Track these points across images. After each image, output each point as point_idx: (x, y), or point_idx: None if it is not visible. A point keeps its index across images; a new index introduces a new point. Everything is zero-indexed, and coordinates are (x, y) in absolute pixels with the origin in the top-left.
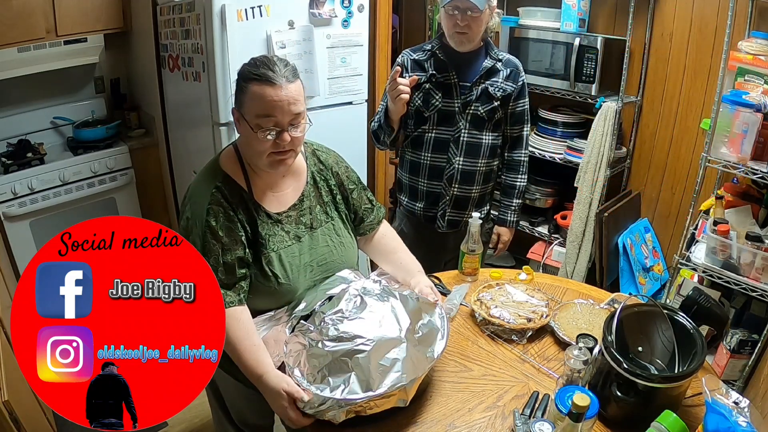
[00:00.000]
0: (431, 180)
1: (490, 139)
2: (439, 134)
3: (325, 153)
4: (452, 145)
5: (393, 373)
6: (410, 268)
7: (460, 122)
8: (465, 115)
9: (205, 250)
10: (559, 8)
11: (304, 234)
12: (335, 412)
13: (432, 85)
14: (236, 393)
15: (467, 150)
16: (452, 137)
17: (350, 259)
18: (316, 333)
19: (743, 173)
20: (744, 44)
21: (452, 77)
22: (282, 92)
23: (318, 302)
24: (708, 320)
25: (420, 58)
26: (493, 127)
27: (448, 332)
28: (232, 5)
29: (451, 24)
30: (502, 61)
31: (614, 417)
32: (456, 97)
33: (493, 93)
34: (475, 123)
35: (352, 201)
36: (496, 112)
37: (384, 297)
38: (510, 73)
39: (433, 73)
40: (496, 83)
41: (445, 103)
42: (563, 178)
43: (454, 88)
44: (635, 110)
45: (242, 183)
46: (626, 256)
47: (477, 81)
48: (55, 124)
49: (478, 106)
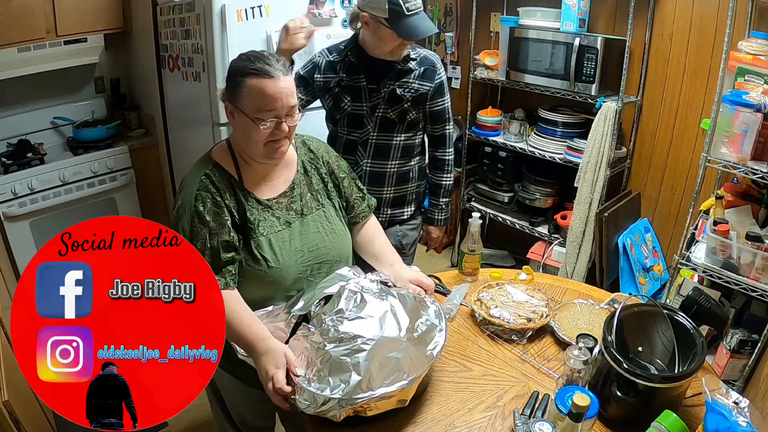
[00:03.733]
0: None
1: (403, 140)
2: (349, 136)
3: (316, 142)
4: (360, 148)
5: (393, 373)
6: (384, 258)
7: (368, 125)
8: (373, 118)
9: (192, 235)
10: (559, 8)
11: (294, 220)
12: (336, 412)
13: (341, 89)
14: (236, 392)
15: (375, 152)
16: (360, 139)
17: (343, 247)
18: (318, 335)
19: (743, 173)
20: (744, 44)
21: (361, 80)
22: (281, 84)
23: (315, 301)
24: (708, 320)
25: (334, 60)
26: (407, 128)
27: (446, 329)
28: (232, 5)
29: (395, 45)
30: (416, 60)
31: (614, 417)
32: (364, 101)
33: (402, 94)
34: (385, 125)
35: (344, 189)
36: (408, 113)
37: (383, 296)
38: (425, 72)
39: (342, 77)
40: (406, 84)
41: (354, 107)
42: (563, 178)
43: (363, 91)
44: (635, 110)
45: (233, 172)
46: (626, 256)
47: (385, 83)
48: (55, 124)
49: (386, 109)
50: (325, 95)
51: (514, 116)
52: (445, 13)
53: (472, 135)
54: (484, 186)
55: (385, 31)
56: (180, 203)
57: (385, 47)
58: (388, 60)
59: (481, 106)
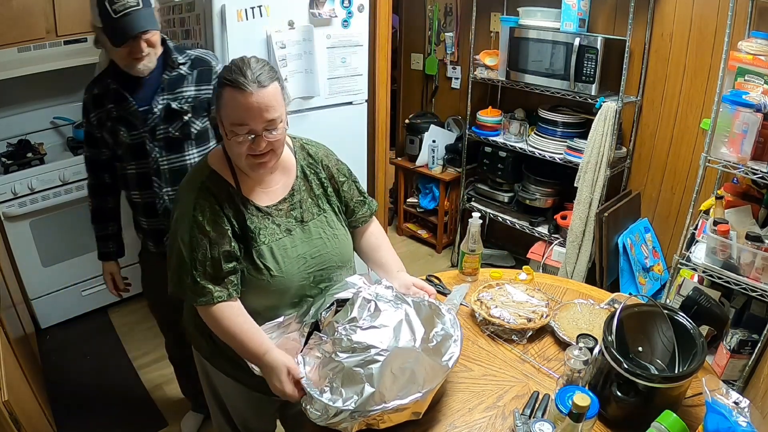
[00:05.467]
0: (150, 218)
1: (196, 155)
2: (139, 169)
3: (315, 147)
4: (155, 178)
5: (407, 385)
6: (390, 267)
7: (154, 151)
8: (156, 141)
9: (192, 245)
10: (559, 8)
11: (295, 227)
12: (347, 424)
13: (114, 122)
14: (239, 397)
15: (173, 178)
16: (151, 169)
17: (345, 252)
18: (330, 344)
19: (743, 173)
20: (744, 44)
21: (131, 105)
22: (253, 99)
23: (325, 306)
24: (708, 320)
25: (99, 93)
26: (197, 142)
27: (461, 338)
28: (232, 5)
29: (124, 53)
30: (186, 63)
31: (614, 417)
32: (140, 125)
33: (179, 107)
34: (172, 146)
35: (343, 193)
36: (192, 126)
37: (397, 304)
38: (200, 75)
39: (110, 109)
40: (182, 94)
41: (132, 136)
42: (563, 178)
43: (135, 116)
44: (635, 110)
45: (230, 180)
46: (626, 256)
47: (156, 101)
48: (55, 124)
49: (167, 128)
50: (102, 133)
51: (514, 116)
52: (445, 13)
53: (472, 135)
54: (484, 186)
55: (107, 41)
56: (178, 214)
57: (119, 59)
58: (154, 75)
59: (481, 106)
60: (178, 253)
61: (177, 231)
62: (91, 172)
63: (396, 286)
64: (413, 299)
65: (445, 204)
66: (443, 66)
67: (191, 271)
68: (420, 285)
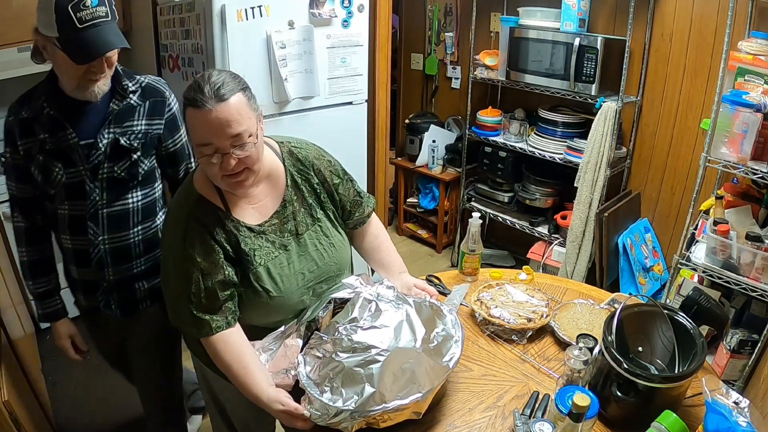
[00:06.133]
0: (81, 268)
1: (140, 199)
2: (73, 211)
3: (304, 150)
4: (90, 223)
5: (408, 385)
6: (391, 268)
7: (93, 193)
8: (98, 182)
9: (184, 278)
10: (559, 8)
11: (290, 242)
12: (348, 423)
13: (47, 156)
14: (240, 403)
15: (111, 224)
16: (88, 212)
17: (342, 259)
18: (331, 344)
19: (743, 173)
20: (744, 44)
21: (71, 137)
22: (213, 115)
23: (322, 306)
24: (708, 320)
25: (28, 117)
26: (143, 184)
27: (462, 339)
28: (232, 5)
29: (79, 72)
30: (137, 91)
31: (614, 417)
32: (80, 162)
33: (128, 144)
34: (114, 188)
35: (339, 196)
36: (141, 165)
37: (398, 304)
38: (152, 107)
39: (44, 139)
40: (131, 129)
41: (70, 174)
42: (563, 178)
43: (74, 151)
44: (635, 110)
45: (217, 202)
46: (626, 256)
47: (102, 134)
48: None
49: (111, 167)
50: (32, 168)
51: (514, 116)
52: (445, 13)
53: (472, 135)
54: (484, 186)
55: (60, 55)
56: (167, 246)
57: (69, 79)
58: (100, 102)
59: (481, 106)
60: (173, 287)
61: (168, 265)
62: (20, 213)
63: (398, 286)
64: (414, 300)
65: (445, 204)
66: (443, 66)
67: (187, 305)
68: (422, 286)
